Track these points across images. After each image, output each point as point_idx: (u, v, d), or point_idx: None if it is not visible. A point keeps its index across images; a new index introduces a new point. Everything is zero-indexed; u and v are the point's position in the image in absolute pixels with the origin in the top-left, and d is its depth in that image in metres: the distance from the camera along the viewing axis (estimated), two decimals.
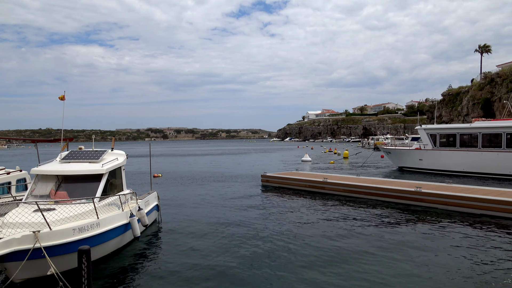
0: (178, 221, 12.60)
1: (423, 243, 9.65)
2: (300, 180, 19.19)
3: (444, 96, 77.48)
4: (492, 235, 10.26)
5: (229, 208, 14.81)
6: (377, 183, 16.95)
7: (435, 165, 26.80)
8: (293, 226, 11.58)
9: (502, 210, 12.20)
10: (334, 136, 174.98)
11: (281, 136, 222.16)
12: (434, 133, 27.26)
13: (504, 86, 54.01)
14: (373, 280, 7.25)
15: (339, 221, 12.23)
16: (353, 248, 9.28)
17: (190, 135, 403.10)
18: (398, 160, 30.19)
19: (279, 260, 8.47)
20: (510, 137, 23.33)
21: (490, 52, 73.82)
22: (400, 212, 13.45)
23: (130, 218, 9.26)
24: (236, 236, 10.53)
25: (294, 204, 15.41)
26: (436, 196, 13.92)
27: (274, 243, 9.80)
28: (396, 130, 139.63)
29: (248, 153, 66.58)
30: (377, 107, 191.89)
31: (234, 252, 9.11)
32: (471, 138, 25.18)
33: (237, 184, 22.42)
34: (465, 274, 7.52)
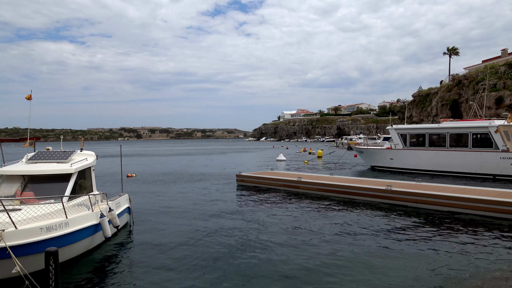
0: (151, 223, 12.40)
1: (391, 239, 9.89)
2: (275, 180, 19.30)
3: (414, 97, 79.78)
4: (457, 231, 10.64)
5: (204, 208, 14.71)
6: (349, 182, 17.26)
7: (405, 164, 27.55)
8: (267, 226, 11.62)
9: (467, 207, 12.67)
10: (309, 136, 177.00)
11: (256, 136, 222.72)
12: (404, 133, 28.02)
13: (471, 87, 56.15)
14: (344, 278, 7.38)
15: (313, 220, 12.37)
16: (325, 246, 9.41)
17: (164, 134, 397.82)
18: (370, 159, 30.85)
19: (254, 259, 8.48)
20: (476, 137, 24.28)
21: (458, 54, 76.57)
22: (372, 210, 13.75)
23: (100, 219, 9.05)
24: (210, 237, 10.47)
25: (269, 203, 15.48)
26: (406, 194, 14.31)
27: (249, 242, 9.80)
28: (369, 130, 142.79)
29: (223, 153, 66.37)
30: (350, 107, 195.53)
31: (208, 253, 9.06)
32: (440, 138, 26.03)
33: (212, 184, 22.31)
34: (429, 268, 7.76)
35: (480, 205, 12.38)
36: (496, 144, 23.15)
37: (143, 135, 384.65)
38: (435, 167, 25.75)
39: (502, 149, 22.82)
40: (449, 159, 25.07)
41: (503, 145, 22.84)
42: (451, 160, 24.93)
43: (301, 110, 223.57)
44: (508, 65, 54.16)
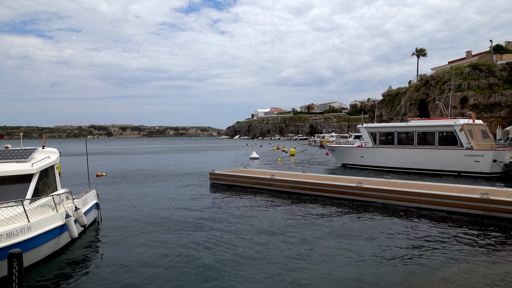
0: (120, 221, 12.12)
1: (361, 235, 10.09)
2: (248, 177, 19.29)
3: (384, 96, 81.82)
4: (423, 226, 10.98)
5: (176, 206, 14.52)
6: (321, 179, 17.49)
7: (375, 162, 28.20)
8: (239, 223, 11.59)
9: (433, 203, 13.10)
10: (282, 134, 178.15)
11: (230, 134, 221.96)
12: (374, 131, 28.66)
13: (438, 87, 58.12)
14: (317, 274, 7.46)
15: (285, 217, 12.44)
16: (299, 243, 9.49)
17: (136, 132, 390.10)
18: (341, 157, 31.38)
19: (226, 256, 8.43)
20: (442, 135, 25.15)
21: (425, 56, 79.02)
22: (343, 206, 13.99)
23: (66, 219, 8.72)
24: (182, 235, 10.34)
25: (242, 201, 15.46)
26: (375, 191, 14.64)
27: (221, 240, 9.75)
28: (341, 128, 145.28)
29: (196, 151, 65.79)
30: (323, 106, 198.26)
31: (180, 251, 8.94)
32: (408, 136, 26.80)
33: (184, 182, 22.06)
34: (396, 263, 7.97)
35: (445, 201, 12.83)
36: (461, 142, 24.05)
37: (113, 133, 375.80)
38: (403, 164, 26.49)
39: (466, 147, 23.74)
40: (416, 156, 25.84)
41: (467, 143, 23.77)
42: (419, 158, 25.71)
43: (274, 108, 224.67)
44: (472, 66, 56.42)
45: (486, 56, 59.98)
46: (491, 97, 50.97)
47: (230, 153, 57.37)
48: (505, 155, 23.50)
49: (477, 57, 63.26)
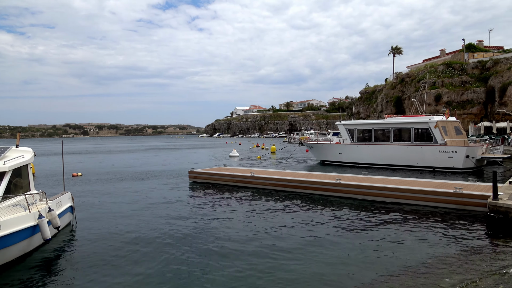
0: (96, 222, 11.86)
1: (339, 230, 10.22)
2: (228, 176, 19.23)
3: (361, 94, 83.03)
4: (400, 221, 11.22)
5: (154, 206, 14.32)
6: (301, 176, 17.61)
7: (353, 158, 28.62)
8: (219, 222, 11.54)
9: (409, 197, 13.40)
10: (261, 131, 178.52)
11: (209, 132, 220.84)
12: (352, 128, 29.08)
13: (413, 85, 59.42)
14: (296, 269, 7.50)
15: (265, 214, 12.47)
16: (278, 239, 9.52)
17: (113, 131, 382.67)
18: (320, 154, 31.70)
19: (204, 255, 8.38)
20: (417, 132, 25.75)
21: (401, 54, 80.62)
22: (322, 203, 14.13)
23: (39, 220, 8.45)
24: (160, 235, 10.21)
25: (222, 199, 15.40)
26: (353, 187, 14.86)
27: (200, 239, 9.67)
28: (319, 125, 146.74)
29: (175, 149, 65.13)
30: (302, 103, 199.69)
31: (156, 252, 8.82)
32: (384, 133, 27.32)
33: (163, 181, 21.80)
34: (373, 256, 8.12)
35: (420, 196, 13.15)
36: (435, 139, 24.69)
37: (90, 132, 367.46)
38: (380, 160, 26.99)
39: (440, 143, 24.39)
40: (393, 153, 26.38)
41: (441, 139, 24.42)
42: (395, 154, 26.25)
43: (254, 106, 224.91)
44: (446, 64, 57.96)
45: (459, 55, 61.72)
46: (464, 94, 52.50)
47: (210, 151, 57.07)
48: (477, 150, 24.27)
49: (450, 55, 65.03)
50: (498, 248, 8.49)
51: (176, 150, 64.05)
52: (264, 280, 7.08)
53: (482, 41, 65.83)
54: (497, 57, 53.53)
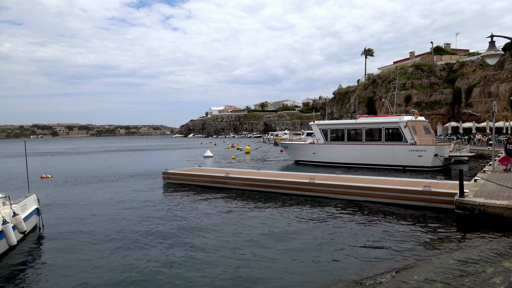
0: (64, 226, 11.49)
1: (313, 229, 10.34)
2: (202, 176, 19.09)
3: (335, 94, 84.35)
4: (371, 219, 11.46)
5: (126, 208, 14.02)
6: (275, 176, 17.69)
7: (326, 158, 29.02)
8: (194, 223, 11.43)
9: (381, 196, 13.71)
10: (236, 132, 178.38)
11: (184, 132, 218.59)
12: (325, 128, 29.49)
13: (384, 86, 60.87)
14: (270, 270, 7.52)
15: (240, 215, 12.45)
16: (253, 240, 9.52)
17: (84, 131, 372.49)
18: (295, 154, 31.97)
19: (178, 257, 8.27)
20: (388, 131, 26.39)
21: (373, 55, 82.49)
22: (296, 202, 14.25)
23: (3, 226, 8.10)
24: (132, 239, 10.00)
25: (196, 200, 15.26)
26: (327, 186, 15.06)
27: (174, 240, 9.55)
28: (294, 126, 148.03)
29: (149, 150, 64.09)
30: (276, 104, 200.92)
31: (130, 256, 8.64)
32: (357, 133, 27.85)
33: (136, 182, 21.39)
34: (345, 254, 8.26)
35: (391, 194, 13.48)
36: (405, 138, 25.38)
37: (59, 132, 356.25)
38: (353, 160, 27.49)
39: (410, 143, 25.09)
40: (365, 152, 26.93)
41: (411, 139, 25.12)
42: (367, 153, 26.81)
43: (229, 106, 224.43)
44: (415, 66, 59.71)
45: (427, 57, 63.71)
46: (432, 95, 54.25)
47: (184, 152, 56.49)
48: (445, 149, 25.13)
49: (420, 57, 67.04)
50: (464, 243, 8.81)
51: (150, 151, 63.03)
52: (236, 279, 7.06)
53: (449, 44, 68.25)
54: (463, 60, 55.63)
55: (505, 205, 9.42)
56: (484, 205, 9.77)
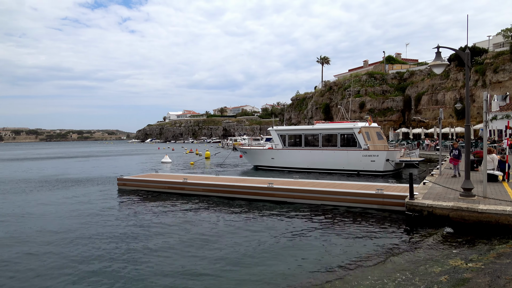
0: (6, 236, 10.78)
1: (271, 233, 10.42)
2: (159, 182, 18.67)
3: (293, 100, 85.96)
4: (328, 222, 11.75)
5: (77, 216, 13.38)
6: (234, 181, 17.68)
7: (285, 163, 29.43)
8: (151, 231, 11.13)
9: (337, 199, 14.09)
10: (195, 137, 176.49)
11: (141, 137, 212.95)
12: (283, 134, 29.93)
13: (340, 93, 62.87)
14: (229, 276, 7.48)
15: (198, 220, 12.30)
16: (211, 246, 9.43)
17: (32, 136, 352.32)
18: (254, 159, 32.15)
19: (133, 265, 8.02)
20: (343, 137, 27.24)
21: (329, 63, 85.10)
22: (255, 207, 14.30)
23: None
24: (83, 248, 9.57)
25: (153, 206, 14.88)
26: (285, 190, 15.26)
27: (126, 249, 9.24)
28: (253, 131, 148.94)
29: (103, 156, 61.78)
30: (236, 109, 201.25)
31: (82, 267, 8.25)
32: (314, 138, 28.50)
33: (89, 189, 20.51)
34: (301, 255, 8.40)
35: (346, 197, 13.90)
36: (359, 144, 26.31)
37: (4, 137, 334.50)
38: (310, 165, 28.08)
39: (364, 148, 26.04)
40: (322, 157, 27.60)
41: (364, 144, 26.08)
42: (324, 158, 27.50)
43: (187, 111, 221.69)
44: (369, 74, 62.26)
45: (380, 66, 66.67)
46: (385, 102, 56.77)
47: (141, 158, 55.03)
48: (396, 155, 26.33)
49: (373, 66, 70.06)
50: (414, 244, 9.25)
51: (104, 156, 60.80)
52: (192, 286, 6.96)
53: (400, 54, 71.86)
54: (413, 69, 58.78)
55: (451, 207, 10.02)
56: (432, 206, 10.33)
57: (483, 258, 7.26)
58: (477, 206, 9.64)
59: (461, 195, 11.02)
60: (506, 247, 7.77)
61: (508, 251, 7.45)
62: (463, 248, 8.40)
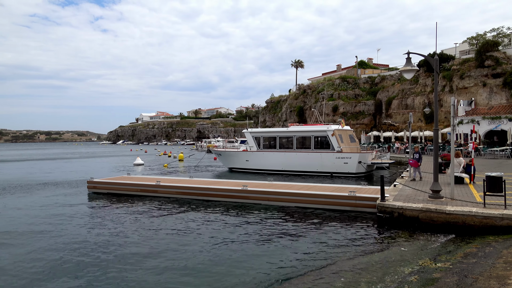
0: None
1: (245, 235, 10.40)
2: (132, 185, 18.29)
3: (267, 103, 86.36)
4: (302, 224, 11.84)
5: (44, 220, 12.90)
6: (208, 184, 17.54)
7: (259, 165, 29.49)
8: (123, 235, 10.87)
9: (311, 202, 14.23)
10: (169, 139, 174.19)
11: (112, 139, 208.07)
12: (258, 136, 30.00)
13: (313, 96, 63.71)
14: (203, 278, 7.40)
15: (172, 224, 12.11)
16: (186, 249, 9.30)
17: None
18: (228, 161, 32.05)
19: (108, 270, 7.79)
20: (317, 139, 27.59)
21: (303, 67, 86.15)
22: (230, 209, 14.23)
23: None
24: (52, 257, 9.23)
25: (125, 210, 14.55)
26: (260, 193, 15.28)
27: (97, 253, 8.98)
28: (228, 133, 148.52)
29: (73, 158, 59.96)
30: (210, 111, 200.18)
31: (51, 275, 7.95)
32: (288, 140, 28.72)
33: (58, 192, 19.82)
34: (275, 256, 8.42)
35: (320, 200, 14.06)
36: (332, 146, 26.71)
37: None
38: (285, 167, 28.26)
39: (337, 150, 26.45)
40: (296, 159, 27.84)
41: (338, 147, 26.51)
42: (298, 161, 27.74)
43: (161, 112, 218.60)
44: (342, 78, 63.41)
45: (352, 70, 68.04)
46: (357, 106, 57.96)
47: (112, 160, 53.76)
48: (367, 157, 26.90)
49: (346, 70, 71.40)
50: (385, 244, 9.46)
51: (74, 158, 59.02)
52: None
53: (371, 59, 73.64)
54: (384, 74, 60.33)
55: (420, 208, 10.31)
56: (402, 208, 10.60)
57: (451, 258, 7.50)
58: (445, 208, 9.97)
59: (430, 197, 11.36)
60: (472, 247, 8.07)
61: (474, 250, 7.73)
62: (432, 249, 8.66)
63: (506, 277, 5.70)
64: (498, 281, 5.59)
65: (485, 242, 8.37)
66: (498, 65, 38.99)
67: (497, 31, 44.03)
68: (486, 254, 7.30)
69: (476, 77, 40.26)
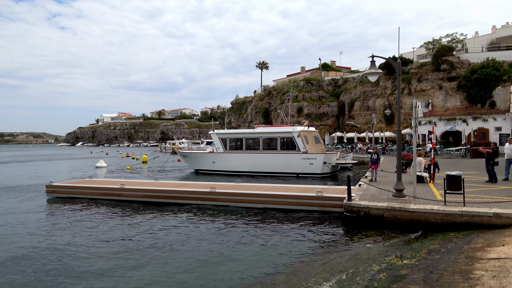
0: None
1: (214, 238, 10.28)
2: (94, 188, 17.62)
3: (233, 104, 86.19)
4: (269, 225, 11.87)
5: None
6: (175, 186, 17.22)
7: (226, 167, 29.34)
8: (85, 242, 10.41)
9: (278, 203, 14.30)
10: (131, 140, 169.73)
11: (71, 141, 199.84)
12: (224, 137, 29.86)
13: (279, 98, 64.26)
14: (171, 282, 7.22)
15: (137, 228, 11.76)
16: (154, 253, 9.05)
17: None
18: (194, 163, 31.65)
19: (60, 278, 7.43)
20: (283, 141, 27.84)
21: (268, 68, 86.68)
22: (198, 212, 14.03)
23: None
24: (7, 263, 8.70)
25: (87, 215, 13.96)
26: (228, 194, 15.17)
27: (56, 261, 8.56)
28: (192, 134, 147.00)
29: (28, 161, 57.01)
30: (174, 112, 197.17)
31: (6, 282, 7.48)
32: (254, 142, 28.79)
33: (11, 197, 18.74)
34: (242, 258, 8.39)
35: (288, 200, 14.16)
36: (298, 147, 27.04)
37: None
38: (251, 168, 28.29)
39: (302, 151, 26.81)
40: (262, 160, 27.94)
41: (303, 148, 26.87)
42: (265, 162, 27.86)
43: (123, 113, 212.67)
44: (306, 80, 64.43)
45: (316, 72, 69.34)
46: (321, 107, 59.09)
47: (72, 163, 51.64)
48: (332, 157, 27.46)
49: (310, 72, 72.67)
50: (353, 243, 9.66)
51: (29, 162, 56.13)
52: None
53: (334, 62, 75.38)
54: (346, 76, 61.91)
55: (385, 207, 10.62)
56: (368, 207, 10.88)
57: (416, 254, 7.77)
58: (409, 206, 10.33)
59: (394, 196, 11.74)
60: (435, 243, 8.40)
61: (437, 247, 8.05)
62: (397, 246, 8.93)
63: (469, 272, 5.97)
64: (462, 276, 5.84)
65: (447, 238, 8.74)
66: (453, 69, 41.08)
67: (451, 36, 46.33)
68: (448, 250, 7.62)
69: (433, 80, 42.18)
